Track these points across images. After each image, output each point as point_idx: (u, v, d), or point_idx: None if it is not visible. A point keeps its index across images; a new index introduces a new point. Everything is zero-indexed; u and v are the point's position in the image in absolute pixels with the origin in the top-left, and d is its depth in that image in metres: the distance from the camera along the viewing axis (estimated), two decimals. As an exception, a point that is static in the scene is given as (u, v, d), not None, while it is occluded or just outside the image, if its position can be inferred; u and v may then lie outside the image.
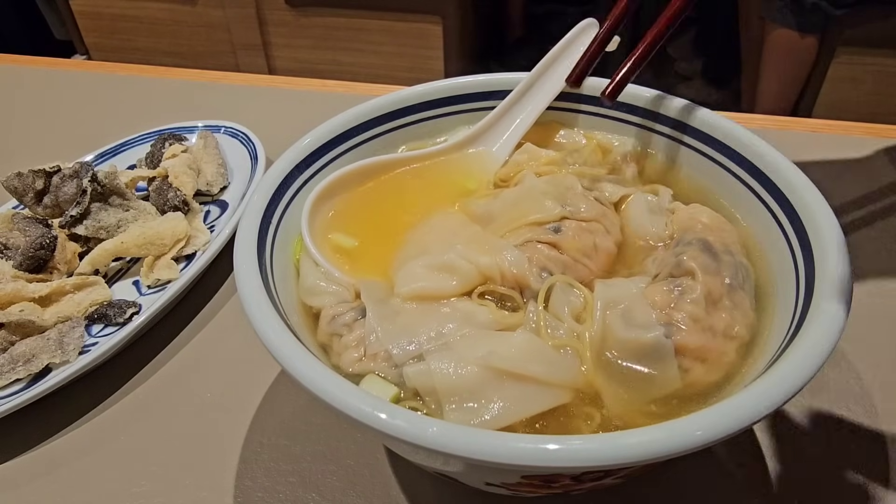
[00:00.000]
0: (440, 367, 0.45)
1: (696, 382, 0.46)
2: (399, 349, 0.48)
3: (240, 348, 0.73)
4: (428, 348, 0.47)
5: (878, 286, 0.73)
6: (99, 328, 0.74)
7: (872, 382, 0.65)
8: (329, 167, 0.64)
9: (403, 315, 0.51)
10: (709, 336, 0.46)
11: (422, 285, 0.52)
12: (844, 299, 0.42)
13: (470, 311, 0.50)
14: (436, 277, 0.52)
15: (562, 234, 0.54)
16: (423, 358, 0.47)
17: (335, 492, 0.58)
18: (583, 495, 0.55)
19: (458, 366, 0.45)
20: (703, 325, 0.47)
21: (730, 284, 0.49)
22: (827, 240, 0.46)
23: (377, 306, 0.51)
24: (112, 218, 0.83)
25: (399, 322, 0.50)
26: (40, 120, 1.24)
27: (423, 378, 0.46)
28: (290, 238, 0.58)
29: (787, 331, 0.45)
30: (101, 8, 2.85)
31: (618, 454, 0.35)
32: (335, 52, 2.66)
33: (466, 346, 0.47)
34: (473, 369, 0.45)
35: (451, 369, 0.45)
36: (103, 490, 0.60)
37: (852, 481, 0.57)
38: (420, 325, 0.49)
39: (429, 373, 0.46)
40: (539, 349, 0.47)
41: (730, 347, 0.47)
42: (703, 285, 0.48)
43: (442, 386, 0.45)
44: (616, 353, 0.47)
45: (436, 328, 0.49)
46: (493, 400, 0.44)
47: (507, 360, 0.45)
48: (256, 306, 0.45)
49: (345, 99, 0.82)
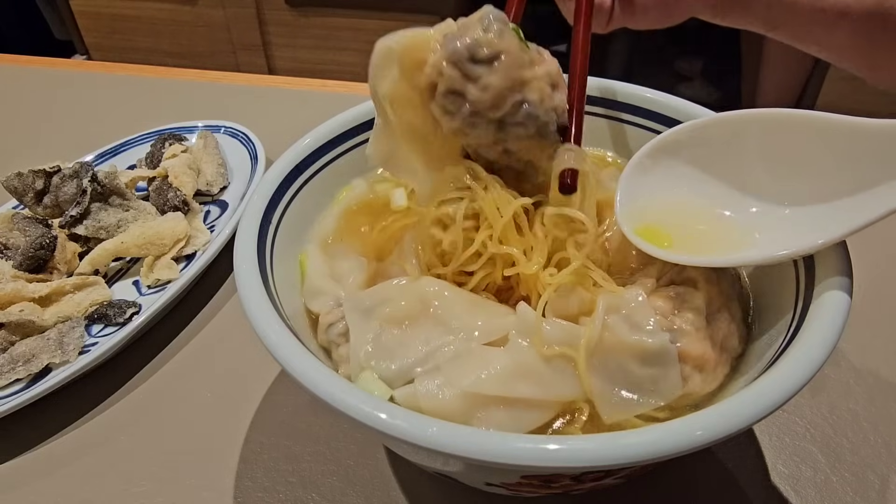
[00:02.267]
0: (426, 393, 0.45)
1: (692, 392, 0.46)
2: (389, 378, 0.47)
3: (240, 348, 0.73)
4: (416, 371, 0.47)
5: (879, 286, 0.73)
6: (99, 328, 0.74)
7: (872, 382, 0.65)
8: (329, 167, 0.64)
9: (390, 333, 0.49)
10: (708, 345, 0.46)
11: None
12: (844, 299, 0.42)
13: (461, 322, 0.49)
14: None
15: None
16: (412, 380, 0.47)
17: (335, 492, 0.58)
18: (583, 495, 0.55)
19: (444, 392, 0.45)
20: (704, 334, 0.46)
21: (728, 295, 0.50)
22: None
23: (361, 323, 0.50)
24: (112, 218, 0.83)
25: (385, 343, 0.49)
26: (40, 120, 1.24)
27: (411, 402, 0.46)
28: (291, 238, 0.58)
29: (787, 331, 0.45)
30: (101, 8, 2.85)
31: (618, 454, 0.35)
32: (335, 52, 2.66)
33: (453, 370, 0.46)
34: (459, 396, 0.44)
35: (436, 395, 0.45)
36: (103, 490, 0.60)
37: (852, 481, 0.57)
38: (408, 343, 0.48)
39: (415, 397, 0.45)
40: (528, 367, 0.45)
41: (725, 359, 0.48)
42: (705, 294, 0.48)
43: (428, 411, 0.44)
44: (619, 357, 0.46)
45: (424, 347, 0.48)
46: (478, 426, 0.44)
47: (495, 384, 0.45)
48: (256, 306, 0.45)
49: (345, 99, 0.82)
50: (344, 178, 0.67)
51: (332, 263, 0.58)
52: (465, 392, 0.44)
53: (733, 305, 0.50)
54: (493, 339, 0.48)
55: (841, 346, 0.68)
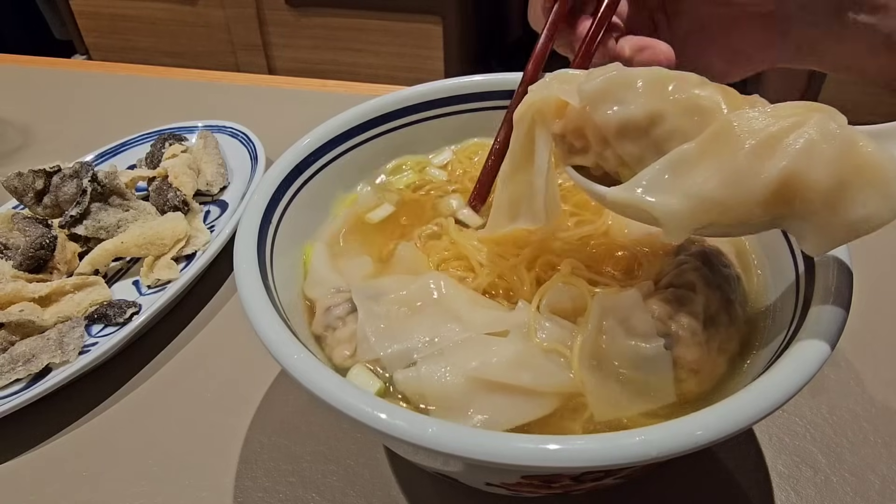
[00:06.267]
0: (430, 375, 0.46)
1: (687, 393, 0.46)
2: (391, 358, 0.48)
3: (240, 348, 0.73)
4: (421, 355, 0.48)
5: (879, 286, 0.73)
6: (99, 328, 0.74)
7: (872, 382, 0.65)
8: (329, 167, 0.64)
9: (395, 316, 0.50)
10: (704, 350, 0.46)
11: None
12: (845, 299, 0.42)
13: (462, 313, 0.50)
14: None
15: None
16: (415, 364, 0.47)
17: (335, 492, 0.58)
18: (583, 495, 0.55)
19: (448, 375, 0.45)
20: (700, 339, 0.46)
21: (727, 299, 0.50)
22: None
23: (368, 304, 0.51)
24: (112, 218, 0.83)
25: (391, 325, 0.50)
26: (40, 120, 1.24)
27: (413, 384, 0.46)
28: (291, 238, 0.58)
29: (787, 330, 0.45)
30: (101, 8, 2.85)
31: (618, 454, 0.35)
32: (335, 52, 2.66)
33: (458, 354, 0.47)
34: (463, 380, 0.45)
35: (440, 378, 0.45)
36: (103, 490, 0.60)
37: (852, 481, 0.57)
38: (413, 328, 0.49)
39: (419, 379, 0.46)
40: (531, 357, 0.46)
41: (721, 360, 0.48)
42: (703, 298, 0.48)
43: (430, 393, 0.45)
44: (614, 360, 0.47)
45: (428, 333, 0.49)
46: (478, 411, 0.44)
47: (500, 370, 0.45)
48: (256, 306, 0.45)
49: (345, 99, 0.82)
50: (344, 178, 0.67)
51: (337, 261, 0.59)
52: (468, 376, 0.45)
53: (732, 308, 0.50)
54: (494, 331, 0.49)
55: (841, 346, 0.67)
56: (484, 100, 0.71)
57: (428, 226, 0.63)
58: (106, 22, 2.89)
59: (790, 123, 0.37)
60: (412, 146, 0.71)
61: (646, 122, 0.42)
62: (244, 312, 0.45)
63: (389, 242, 0.62)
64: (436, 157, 0.72)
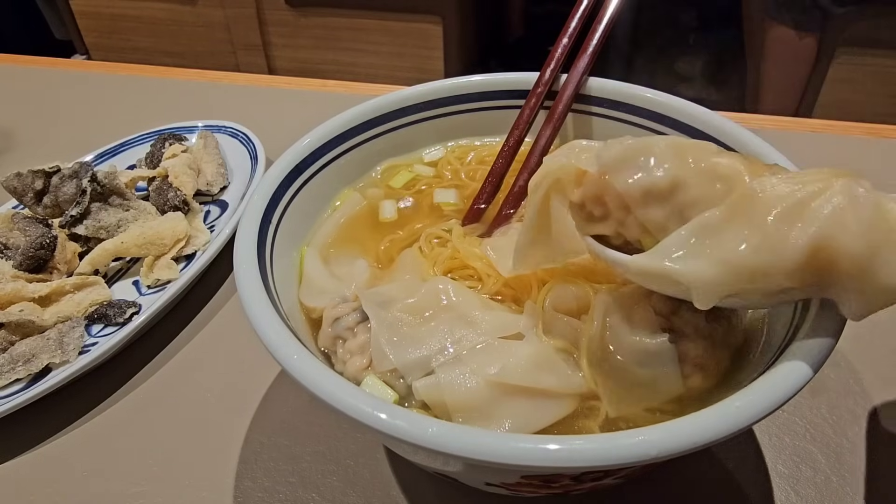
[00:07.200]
0: (451, 382, 0.45)
1: (694, 388, 0.46)
2: (410, 367, 0.48)
3: (240, 348, 0.73)
4: (439, 362, 0.47)
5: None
6: (99, 328, 0.74)
7: (872, 382, 0.65)
8: (329, 167, 0.64)
9: (408, 323, 0.50)
10: (708, 344, 0.46)
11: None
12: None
13: (475, 317, 0.50)
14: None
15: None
16: (434, 372, 0.47)
17: (335, 492, 0.58)
18: (583, 495, 0.55)
19: (469, 381, 0.45)
20: (704, 334, 0.47)
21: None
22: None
23: (380, 313, 0.50)
24: (112, 218, 0.83)
25: (406, 333, 0.49)
26: (40, 120, 1.24)
27: (433, 392, 0.46)
28: (291, 238, 0.58)
29: (788, 330, 0.45)
30: (101, 8, 2.85)
31: (618, 454, 0.35)
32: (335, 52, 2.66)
33: (477, 360, 0.47)
34: (484, 386, 0.45)
35: (461, 385, 0.45)
36: (103, 490, 0.60)
37: (853, 481, 0.57)
38: (428, 335, 0.49)
39: (439, 387, 0.46)
40: (548, 359, 0.47)
41: (725, 355, 0.48)
42: None
43: (452, 401, 0.45)
44: (619, 357, 0.47)
45: (444, 339, 0.48)
46: (504, 416, 0.44)
47: (519, 374, 0.45)
48: (256, 306, 0.45)
49: (345, 99, 0.82)
50: (344, 178, 0.67)
51: (332, 267, 0.59)
52: (490, 381, 0.45)
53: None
54: (507, 334, 0.49)
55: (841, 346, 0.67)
56: (484, 100, 0.71)
57: (433, 228, 0.63)
58: (106, 22, 2.89)
59: (816, 189, 0.36)
60: (412, 146, 0.71)
61: (669, 189, 0.41)
62: (244, 312, 0.45)
63: (385, 243, 0.62)
64: (431, 156, 0.73)
